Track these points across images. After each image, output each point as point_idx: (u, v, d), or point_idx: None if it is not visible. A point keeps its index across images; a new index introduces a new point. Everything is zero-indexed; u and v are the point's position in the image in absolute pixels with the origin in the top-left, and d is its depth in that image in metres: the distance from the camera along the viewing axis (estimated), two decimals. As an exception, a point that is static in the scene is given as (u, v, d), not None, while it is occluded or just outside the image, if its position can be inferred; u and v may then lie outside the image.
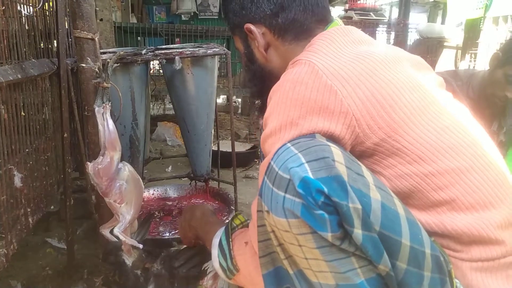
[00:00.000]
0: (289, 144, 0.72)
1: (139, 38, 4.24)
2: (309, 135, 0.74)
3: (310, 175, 0.65)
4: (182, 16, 6.28)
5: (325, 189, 0.64)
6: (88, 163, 1.14)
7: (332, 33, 0.86)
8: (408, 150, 0.76)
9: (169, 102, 4.95)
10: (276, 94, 0.80)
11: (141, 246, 1.20)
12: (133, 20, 5.67)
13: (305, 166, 0.67)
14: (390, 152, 0.76)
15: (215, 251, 0.97)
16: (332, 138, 0.75)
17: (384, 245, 0.67)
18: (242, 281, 0.95)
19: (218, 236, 0.98)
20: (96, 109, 1.13)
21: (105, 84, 1.14)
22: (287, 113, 0.76)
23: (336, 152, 0.69)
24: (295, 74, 0.78)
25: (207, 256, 1.06)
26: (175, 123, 3.89)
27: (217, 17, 6.34)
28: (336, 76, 0.75)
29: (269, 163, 0.72)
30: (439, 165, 0.75)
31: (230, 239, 0.95)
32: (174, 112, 1.90)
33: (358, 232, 0.65)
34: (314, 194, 0.64)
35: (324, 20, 0.92)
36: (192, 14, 6.25)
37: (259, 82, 0.98)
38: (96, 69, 1.14)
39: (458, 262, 0.75)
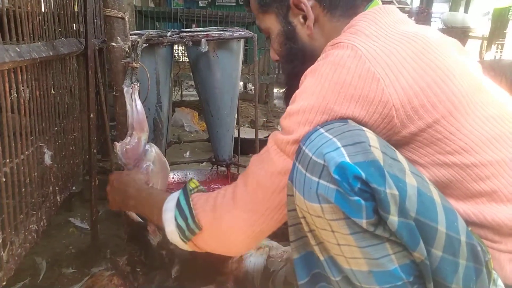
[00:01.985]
0: (322, 130, 0.70)
1: (157, 23, 4.22)
2: (341, 120, 0.72)
3: (347, 159, 0.64)
4: (200, 2, 6.26)
5: (363, 175, 0.63)
6: (116, 143, 1.14)
7: (374, 13, 0.82)
8: (450, 140, 0.73)
9: (186, 89, 4.96)
10: (314, 74, 0.76)
11: None
12: (151, 5, 5.67)
13: (342, 150, 0.65)
14: (429, 142, 0.74)
15: (170, 214, 0.90)
16: (364, 126, 0.72)
17: (420, 232, 0.65)
18: (205, 241, 0.89)
19: (173, 199, 0.92)
20: (125, 89, 1.12)
21: (134, 64, 1.13)
22: (323, 95, 0.74)
23: (371, 136, 0.67)
24: (337, 56, 0.75)
25: None
26: (193, 109, 3.89)
27: (234, 3, 6.30)
28: (379, 62, 0.72)
29: (300, 148, 0.70)
30: (483, 156, 0.73)
31: (190, 199, 0.89)
32: (191, 98, 1.90)
33: (394, 218, 0.63)
34: (351, 180, 0.63)
35: None
36: (209, 0, 6.22)
37: (299, 63, 0.91)
38: (126, 49, 1.13)
39: (496, 253, 0.74)
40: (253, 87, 5.22)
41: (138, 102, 1.14)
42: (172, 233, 0.90)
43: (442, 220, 0.66)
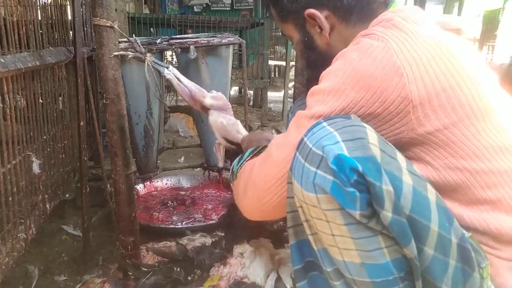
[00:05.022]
0: (324, 123, 0.71)
1: (151, 29, 4.24)
2: (344, 115, 0.74)
3: (346, 153, 0.65)
4: (195, 7, 6.28)
5: (360, 168, 0.64)
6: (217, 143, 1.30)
7: (407, 10, 0.83)
8: (464, 144, 0.74)
9: (181, 94, 4.96)
10: (343, 58, 0.79)
11: None
12: (146, 11, 5.68)
13: (341, 144, 0.67)
14: (444, 144, 0.75)
15: (237, 158, 1.02)
16: (376, 119, 0.75)
17: (413, 230, 0.66)
18: (234, 191, 1.00)
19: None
20: (166, 75, 1.20)
21: (149, 54, 1.20)
22: (343, 80, 0.76)
23: (371, 134, 0.68)
24: (366, 44, 0.76)
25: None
26: (188, 114, 3.89)
27: (229, 8, 6.33)
28: (407, 58, 0.73)
29: (302, 139, 0.72)
30: (493, 164, 0.74)
31: (252, 154, 0.98)
32: (186, 103, 1.91)
33: (387, 214, 0.65)
34: (347, 171, 0.65)
35: (386, 1, 0.89)
36: (204, 5, 6.24)
37: (318, 69, 0.91)
38: (134, 49, 1.17)
39: (495, 260, 0.75)
40: (249, 91, 5.23)
41: (183, 78, 1.21)
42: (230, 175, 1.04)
43: (435, 219, 0.68)
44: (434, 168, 0.76)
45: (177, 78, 1.20)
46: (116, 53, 1.13)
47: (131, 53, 1.19)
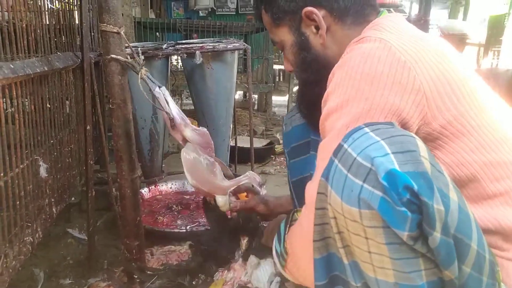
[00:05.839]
0: (367, 129, 0.67)
1: (157, 33, 4.28)
2: (387, 123, 0.70)
3: (397, 167, 0.61)
4: (200, 12, 6.31)
5: (415, 186, 0.60)
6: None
7: (392, 16, 0.85)
8: (472, 136, 0.75)
9: (186, 98, 4.99)
10: (342, 69, 0.77)
11: None
12: (152, 15, 5.72)
13: (391, 157, 0.62)
14: (455, 137, 0.75)
15: (274, 240, 0.94)
16: (401, 117, 0.73)
17: (456, 249, 0.63)
18: (291, 268, 0.90)
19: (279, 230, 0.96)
20: (156, 94, 1.14)
21: (145, 69, 1.15)
22: (356, 86, 0.73)
23: (422, 145, 0.65)
24: (365, 48, 0.76)
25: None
26: (192, 118, 3.91)
27: (234, 13, 6.35)
28: (409, 53, 0.74)
29: (341, 146, 0.67)
30: (498, 155, 0.75)
31: (288, 225, 0.92)
32: (191, 107, 1.92)
33: (437, 235, 0.61)
34: (400, 189, 0.60)
35: (377, 7, 0.91)
36: (209, 10, 6.27)
37: (313, 71, 0.92)
38: (130, 62, 1.15)
39: (504, 262, 0.73)
40: (254, 95, 5.25)
41: (171, 103, 1.15)
42: (275, 259, 0.93)
43: (475, 237, 0.65)
44: (447, 166, 0.75)
45: (166, 100, 1.14)
46: (113, 56, 1.13)
47: (127, 60, 1.16)
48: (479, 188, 0.75)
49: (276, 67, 5.31)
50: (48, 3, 1.31)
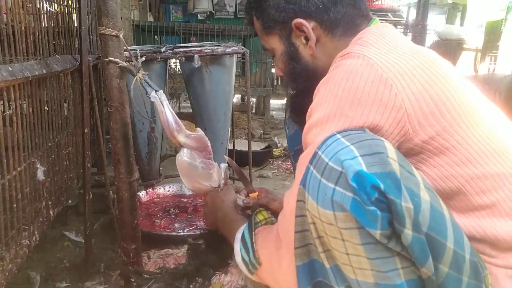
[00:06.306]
0: (338, 136, 0.70)
1: (156, 37, 4.29)
2: (359, 129, 0.72)
3: (365, 169, 0.64)
4: (198, 15, 6.31)
5: (381, 185, 0.63)
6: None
7: (379, 28, 0.85)
8: (457, 150, 0.75)
9: (184, 101, 4.99)
10: (326, 85, 0.78)
11: None
12: (150, 18, 5.73)
13: (359, 159, 0.65)
14: (438, 151, 0.75)
15: (237, 246, 0.95)
16: (380, 134, 0.74)
17: (430, 247, 0.65)
18: (264, 276, 0.93)
19: (241, 231, 0.98)
20: (153, 98, 1.13)
21: (142, 73, 1.14)
22: (337, 103, 0.75)
23: (390, 148, 0.67)
24: (349, 65, 0.77)
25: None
26: (190, 121, 3.91)
27: (233, 16, 6.36)
28: (391, 70, 0.75)
29: (316, 153, 0.70)
30: (485, 168, 0.75)
31: (253, 233, 0.93)
32: (189, 111, 1.92)
33: (408, 232, 0.63)
34: (368, 189, 0.63)
35: (368, 16, 0.91)
36: (208, 13, 6.28)
37: (303, 81, 0.93)
38: (128, 66, 1.15)
39: (493, 268, 0.74)
40: (252, 99, 5.26)
41: (167, 107, 1.15)
42: (240, 264, 0.95)
43: (451, 237, 0.67)
44: (431, 179, 0.76)
45: (162, 105, 1.14)
46: (111, 58, 1.13)
47: (124, 63, 1.16)
48: (465, 201, 0.76)
49: (274, 70, 5.31)
50: (47, 6, 1.31)
